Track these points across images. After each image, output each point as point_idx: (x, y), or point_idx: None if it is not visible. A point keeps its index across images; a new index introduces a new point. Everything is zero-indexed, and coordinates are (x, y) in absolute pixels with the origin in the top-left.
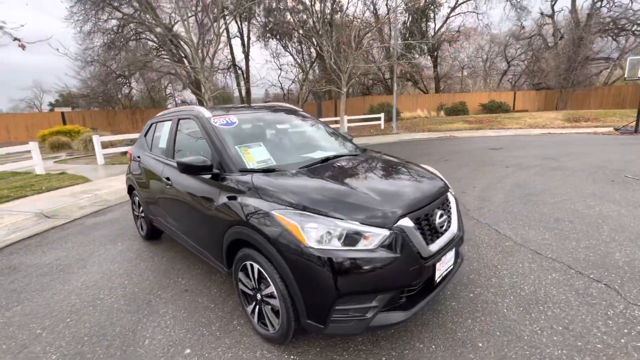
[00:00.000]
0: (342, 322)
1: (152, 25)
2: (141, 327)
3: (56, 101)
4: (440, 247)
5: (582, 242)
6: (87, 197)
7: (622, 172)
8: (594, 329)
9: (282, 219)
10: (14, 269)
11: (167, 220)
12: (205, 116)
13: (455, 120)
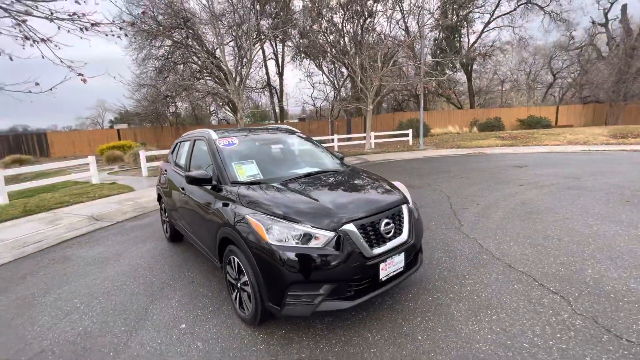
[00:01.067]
0: (294, 305)
1: (197, 51)
2: (152, 307)
3: (115, 119)
4: (385, 250)
5: (560, 259)
6: (129, 204)
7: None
8: (529, 332)
9: (252, 221)
10: (67, 259)
11: (183, 224)
12: (213, 137)
13: (488, 137)
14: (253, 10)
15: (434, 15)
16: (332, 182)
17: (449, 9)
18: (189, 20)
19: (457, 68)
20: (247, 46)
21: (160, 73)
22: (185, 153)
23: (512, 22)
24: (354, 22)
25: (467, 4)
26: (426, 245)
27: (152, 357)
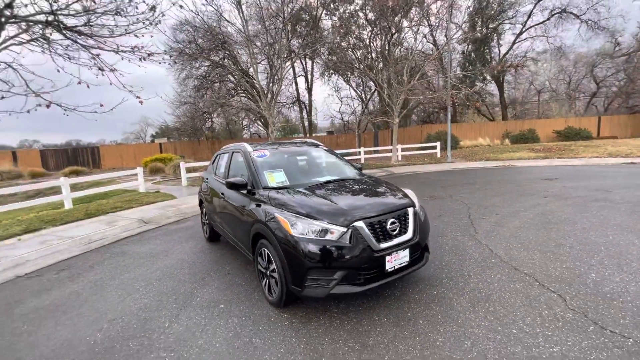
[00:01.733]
0: (313, 287)
1: (232, 70)
2: (196, 291)
3: (156, 133)
4: (390, 245)
5: (567, 264)
6: (172, 210)
7: None
8: (520, 321)
9: (280, 218)
10: (125, 253)
11: (221, 224)
12: (248, 150)
13: (520, 149)
14: (284, 31)
15: (462, 28)
16: (349, 188)
17: (478, 21)
18: (226, 42)
19: (487, 80)
20: (278, 64)
21: (198, 91)
22: (224, 163)
23: (546, 32)
24: (381, 38)
25: (496, 16)
26: (438, 249)
27: (197, 327)
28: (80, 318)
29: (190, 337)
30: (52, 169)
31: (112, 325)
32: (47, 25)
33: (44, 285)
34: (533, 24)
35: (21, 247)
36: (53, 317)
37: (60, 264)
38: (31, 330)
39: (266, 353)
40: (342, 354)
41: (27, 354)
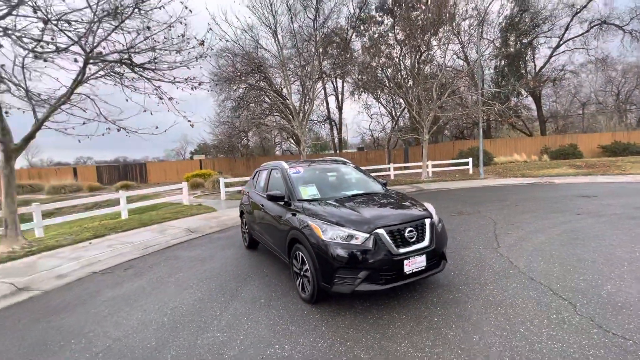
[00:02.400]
0: (340, 284)
1: (266, 91)
2: (240, 288)
3: (195, 150)
4: (408, 250)
5: (585, 276)
6: (214, 221)
7: None
8: (528, 322)
9: (313, 225)
10: (177, 257)
11: (260, 232)
12: (284, 167)
13: (560, 165)
14: (316, 53)
15: (494, 43)
16: (373, 200)
17: (510, 37)
18: (262, 66)
19: (522, 94)
20: (310, 85)
21: (235, 111)
22: (264, 179)
23: (586, 44)
24: (410, 57)
25: (529, 30)
26: (459, 260)
27: (243, 316)
28: (149, 305)
29: (238, 323)
30: (105, 183)
31: (174, 311)
32: (121, 64)
33: (116, 280)
34: (571, 37)
35: (93, 250)
36: (127, 304)
37: (125, 264)
38: (113, 313)
39: (300, 337)
40: (365, 341)
41: (114, 329)
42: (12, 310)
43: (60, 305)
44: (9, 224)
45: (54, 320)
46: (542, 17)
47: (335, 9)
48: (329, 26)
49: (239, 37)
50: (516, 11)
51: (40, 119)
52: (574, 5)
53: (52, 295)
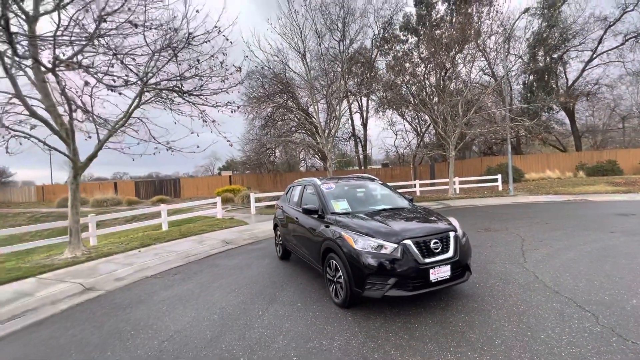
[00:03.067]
0: (371, 290)
1: (293, 110)
2: (278, 294)
3: (222, 167)
4: (433, 260)
5: (610, 291)
6: (247, 234)
7: None
8: (549, 330)
9: (346, 236)
10: (217, 265)
11: (294, 243)
12: (318, 184)
13: (597, 182)
14: (342, 74)
15: (522, 58)
16: (400, 215)
17: (539, 52)
18: (290, 86)
19: (554, 109)
20: (335, 104)
21: (263, 129)
22: (297, 194)
23: (622, 57)
24: (435, 74)
25: (559, 45)
26: (484, 274)
27: (283, 316)
28: (199, 305)
29: (279, 322)
30: (142, 197)
31: (222, 311)
32: (172, 91)
33: (166, 283)
34: (605, 50)
35: (142, 257)
36: (180, 303)
37: (172, 270)
38: (169, 310)
39: (335, 335)
40: (394, 340)
41: (173, 324)
42: (85, 305)
43: (124, 303)
44: (73, 232)
45: (122, 315)
46: (572, 31)
47: (360, 31)
48: (354, 47)
49: (270, 60)
50: (544, 27)
51: (102, 140)
52: (606, 19)
53: (115, 295)
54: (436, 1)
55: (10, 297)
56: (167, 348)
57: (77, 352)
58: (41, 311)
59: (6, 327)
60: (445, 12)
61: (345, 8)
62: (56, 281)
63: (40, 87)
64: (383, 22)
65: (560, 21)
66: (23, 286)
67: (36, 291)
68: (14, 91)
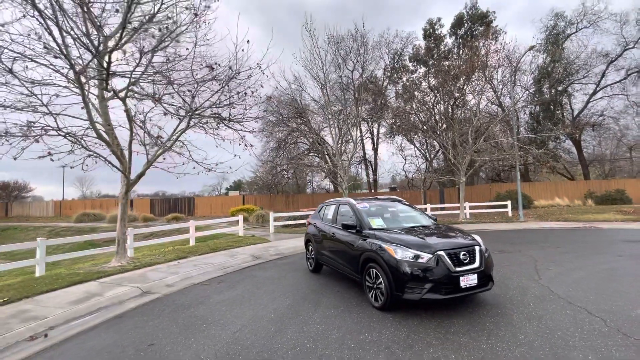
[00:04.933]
0: (409, 293)
1: (307, 134)
2: (320, 299)
3: (230, 187)
4: (463, 269)
5: (618, 302)
6: (272, 250)
7: None
8: (564, 329)
9: (387, 247)
10: (254, 276)
11: (329, 256)
12: (353, 203)
13: (606, 210)
14: (354, 101)
15: (528, 90)
16: (430, 231)
17: (544, 84)
18: (305, 111)
19: (561, 139)
20: (350, 128)
21: (277, 151)
22: (332, 212)
23: (625, 90)
24: (444, 102)
25: (563, 79)
26: (503, 287)
27: (331, 316)
28: (254, 306)
29: (329, 320)
30: (157, 214)
31: (276, 311)
32: (213, 118)
33: (216, 290)
34: (608, 84)
35: (183, 267)
36: (235, 305)
37: (215, 279)
38: (229, 310)
39: (382, 330)
40: (433, 334)
41: (237, 320)
42: (151, 304)
43: (185, 303)
44: (121, 243)
45: (188, 312)
46: (576, 66)
47: (372, 61)
48: (365, 76)
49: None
50: (548, 61)
51: (151, 159)
52: (608, 55)
53: (173, 297)
54: (444, 35)
55: (83, 296)
56: (240, 337)
57: (165, 337)
58: (114, 308)
59: (94, 317)
60: (453, 44)
61: (358, 41)
62: (116, 285)
63: (102, 112)
64: (393, 54)
65: (564, 57)
66: (89, 288)
67: (103, 292)
68: (87, 118)
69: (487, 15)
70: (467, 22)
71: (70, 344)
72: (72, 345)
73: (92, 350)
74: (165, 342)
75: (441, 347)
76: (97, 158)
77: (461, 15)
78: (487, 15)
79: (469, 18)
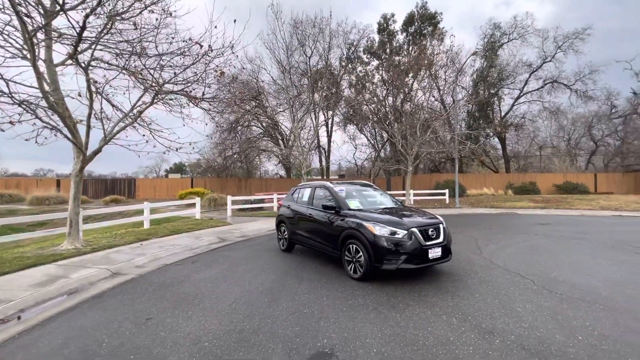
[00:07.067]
0: (387, 264)
1: (259, 116)
2: (301, 274)
3: (170, 169)
4: (431, 243)
5: (539, 269)
6: (236, 232)
7: (631, 243)
8: (507, 289)
9: (367, 225)
10: (228, 257)
11: (306, 236)
12: (331, 186)
13: (522, 199)
14: (309, 86)
15: (468, 91)
16: (400, 211)
17: (480, 87)
18: (261, 94)
19: (490, 136)
20: (303, 114)
21: (229, 133)
22: (307, 194)
23: (541, 97)
24: (393, 95)
25: (496, 84)
26: (455, 261)
27: (316, 288)
28: (239, 282)
29: (316, 291)
30: (91, 196)
31: (264, 285)
32: (183, 95)
33: (193, 269)
34: (529, 90)
35: (148, 249)
36: (220, 282)
37: (187, 259)
38: (216, 286)
39: (366, 295)
40: (409, 296)
41: (228, 294)
42: (129, 284)
43: (166, 282)
44: (74, 224)
45: (174, 289)
46: (507, 72)
47: (329, 48)
48: (322, 65)
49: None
50: (485, 65)
51: (108, 135)
52: (531, 65)
53: (150, 277)
54: (397, 31)
55: (46, 279)
56: (237, 308)
57: (161, 312)
58: (89, 289)
59: (69, 299)
60: (404, 41)
61: (317, 27)
62: (79, 267)
63: (52, 81)
64: (349, 44)
65: (498, 64)
66: (49, 271)
67: (68, 274)
68: (38, 86)
69: (435, 16)
70: (417, 20)
71: (54, 324)
72: (59, 325)
73: (84, 328)
74: (163, 316)
75: (418, 306)
76: (53, 130)
77: (412, 13)
78: (435, 16)
79: (419, 17)
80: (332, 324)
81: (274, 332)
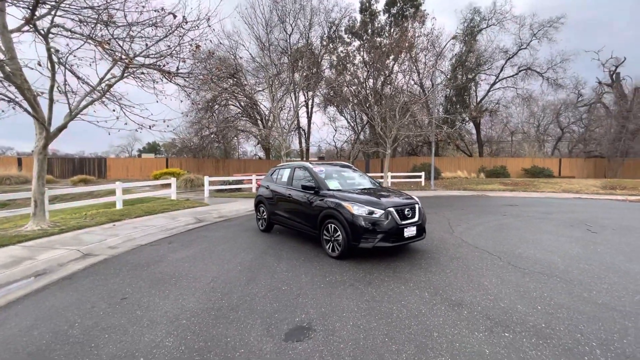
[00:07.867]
0: (365, 242)
1: (237, 95)
2: (280, 253)
3: (144, 148)
4: (406, 222)
5: (507, 247)
6: (214, 213)
7: (586, 222)
8: (476, 264)
9: (346, 204)
10: (205, 237)
11: (285, 216)
12: (310, 167)
13: (493, 182)
14: (289, 65)
15: (446, 76)
16: (378, 192)
17: (459, 71)
18: (239, 72)
19: (466, 120)
20: (283, 93)
21: (206, 112)
22: (287, 175)
23: (515, 84)
24: (374, 77)
25: (474, 69)
26: (429, 239)
27: (295, 266)
28: (218, 262)
29: (295, 269)
30: (58, 176)
31: (242, 264)
32: (152, 69)
33: (169, 249)
34: (504, 77)
35: (121, 230)
36: (198, 261)
37: (163, 240)
38: (193, 266)
39: (343, 272)
40: (384, 272)
41: (205, 273)
42: (102, 265)
43: (142, 263)
44: (39, 204)
45: (150, 269)
46: (484, 58)
47: (310, 27)
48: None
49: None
50: (464, 50)
51: (75, 110)
52: (507, 52)
53: (124, 258)
54: (379, 11)
55: (10, 260)
56: (216, 286)
57: (136, 292)
58: (58, 270)
59: (37, 280)
60: (386, 22)
61: (298, 3)
62: (47, 248)
63: (7, 48)
64: (331, 23)
65: (476, 49)
66: (13, 252)
67: (34, 256)
68: None
69: None
70: (399, 1)
71: (21, 306)
72: (27, 307)
73: (54, 308)
74: (139, 296)
75: (393, 281)
76: (11, 103)
77: None
78: None
79: None
80: (310, 300)
81: (253, 308)
